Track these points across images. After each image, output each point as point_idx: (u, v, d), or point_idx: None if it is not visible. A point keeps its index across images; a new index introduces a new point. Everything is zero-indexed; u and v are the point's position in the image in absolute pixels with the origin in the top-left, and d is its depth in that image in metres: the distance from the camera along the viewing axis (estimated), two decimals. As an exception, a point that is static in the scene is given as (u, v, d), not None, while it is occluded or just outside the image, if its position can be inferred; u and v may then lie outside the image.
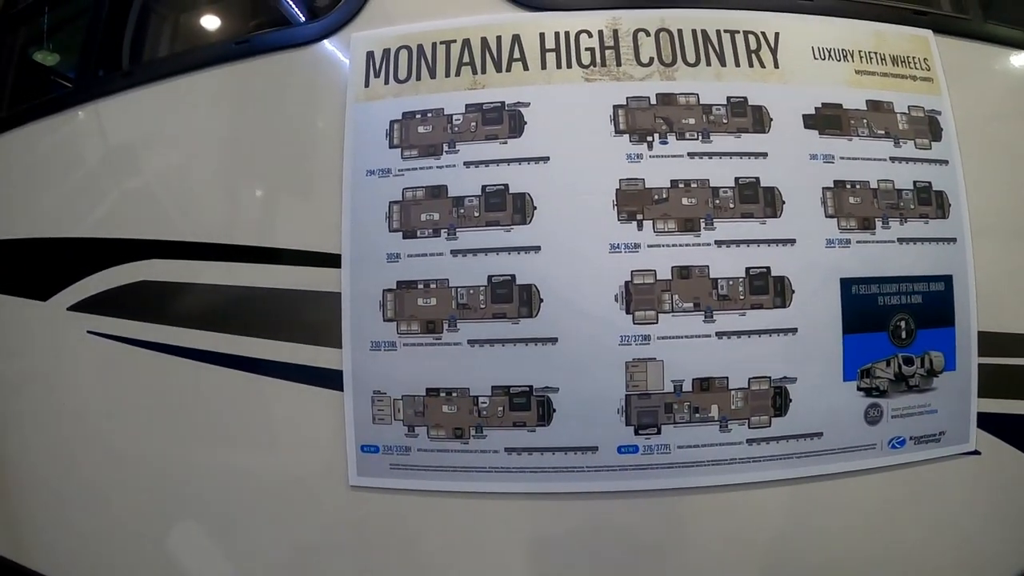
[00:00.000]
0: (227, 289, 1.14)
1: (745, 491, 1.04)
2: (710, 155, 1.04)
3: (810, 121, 1.08)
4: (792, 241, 1.04)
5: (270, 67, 1.17)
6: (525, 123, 1.05)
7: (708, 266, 1.02)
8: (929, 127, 1.13)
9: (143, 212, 1.20)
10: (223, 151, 1.18)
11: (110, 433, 1.24)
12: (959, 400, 1.12)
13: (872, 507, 1.10)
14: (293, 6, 1.22)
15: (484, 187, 1.04)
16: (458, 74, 1.08)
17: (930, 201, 1.11)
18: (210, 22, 1.44)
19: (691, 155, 1.04)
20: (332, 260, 1.07)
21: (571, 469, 1.02)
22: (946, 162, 1.13)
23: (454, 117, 1.06)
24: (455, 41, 1.09)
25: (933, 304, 1.10)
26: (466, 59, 1.08)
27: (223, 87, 1.19)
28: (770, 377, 1.03)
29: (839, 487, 1.08)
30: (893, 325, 1.08)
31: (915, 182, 1.11)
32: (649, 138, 1.04)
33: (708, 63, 1.08)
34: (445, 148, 1.06)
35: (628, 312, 1.01)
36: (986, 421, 1.14)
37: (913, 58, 1.16)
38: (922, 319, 1.09)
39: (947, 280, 1.11)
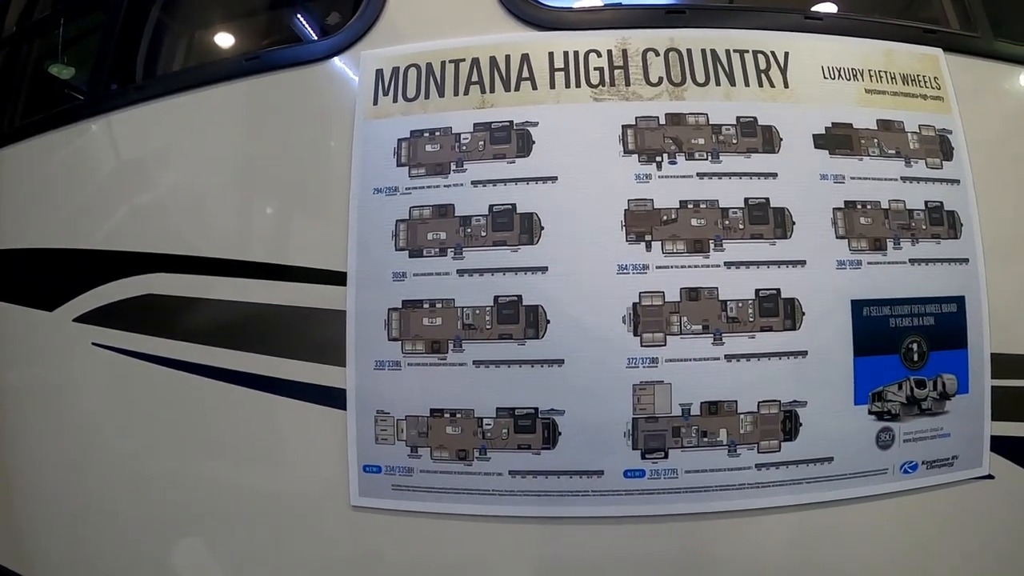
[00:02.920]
0: (232, 305, 1.13)
1: (754, 517, 1.03)
2: (719, 175, 1.03)
3: (820, 141, 1.07)
4: (802, 262, 1.03)
5: (280, 84, 1.17)
6: (533, 142, 1.04)
7: (717, 288, 1.01)
8: (940, 146, 1.12)
9: (150, 226, 1.20)
10: (231, 166, 1.18)
11: (112, 445, 1.23)
12: (972, 423, 1.10)
13: (884, 534, 1.08)
14: (304, 24, 1.23)
15: (491, 206, 1.03)
16: (466, 93, 1.08)
17: (942, 221, 1.10)
18: (222, 38, 1.44)
19: (700, 175, 1.03)
20: (338, 278, 1.07)
21: (576, 493, 1.01)
22: (957, 181, 1.12)
23: (462, 136, 1.06)
24: (464, 60, 1.09)
25: (945, 326, 1.08)
26: (475, 78, 1.08)
27: (233, 103, 1.20)
28: (780, 401, 1.01)
29: (850, 513, 1.06)
30: (905, 347, 1.06)
31: (927, 202, 1.09)
32: (658, 158, 1.03)
33: (717, 83, 1.07)
34: (453, 167, 1.05)
35: (636, 334, 0.99)
36: (1000, 444, 1.12)
37: (923, 77, 1.15)
38: (934, 341, 1.07)
39: (959, 301, 1.09)
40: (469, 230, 1.03)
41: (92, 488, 1.25)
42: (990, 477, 1.11)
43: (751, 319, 1.01)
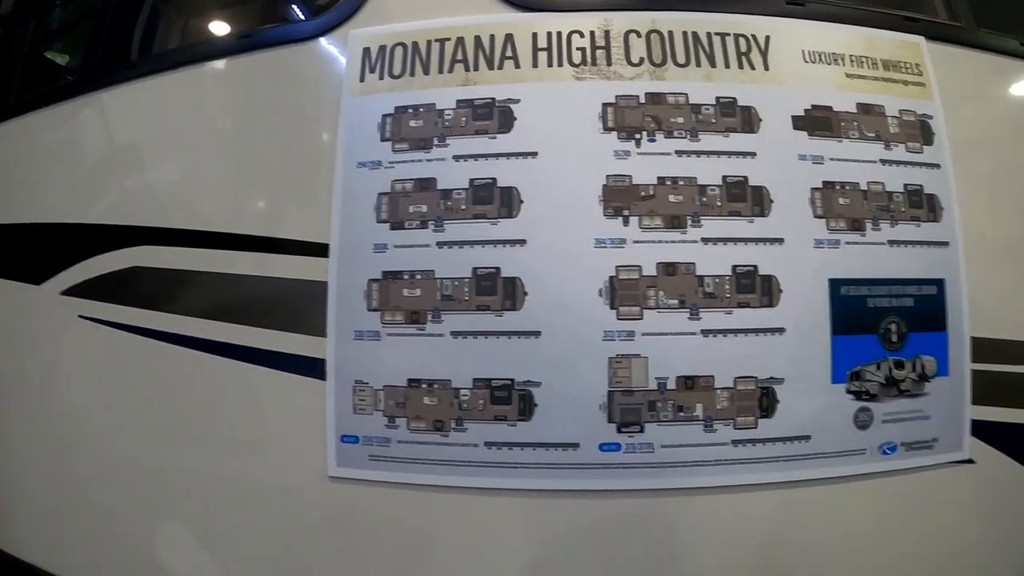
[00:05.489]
0: (218, 277, 1.14)
1: (731, 494, 1.02)
2: (698, 154, 1.04)
3: (799, 122, 1.08)
4: (780, 240, 1.03)
5: (271, 61, 1.19)
6: (515, 119, 1.06)
7: (694, 263, 1.01)
8: (921, 131, 1.13)
9: (138, 199, 1.22)
10: (221, 141, 1.20)
11: (95, 414, 1.23)
12: (952, 406, 1.09)
13: (862, 515, 1.07)
14: (294, 4, 1.26)
15: (472, 180, 1.04)
16: (451, 71, 1.09)
17: (921, 204, 1.10)
18: (215, 17, 1.48)
19: (679, 153, 1.04)
20: (321, 250, 1.08)
21: (552, 466, 1.00)
22: (938, 166, 1.13)
23: (445, 112, 1.07)
24: (449, 39, 1.10)
25: (925, 308, 1.08)
26: (459, 57, 1.10)
27: (224, 80, 1.22)
28: (756, 377, 1.01)
29: (828, 493, 1.05)
30: (884, 328, 1.06)
31: (906, 185, 1.10)
32: (637, 136, 1.04)
33: (698, 64, 1.09)
34: (435, 142, 1.07)
35: (612, 307, 1.00)
36: (980, 429, 1.11)
37: (905, 63, 1.16)
38: (914, 323, 1.07)
39: (939, 284, 1.09)
40: (450, 203, 1.04)
41: (77, 460, 1.25)
42: (970, 462, 1.11)
43: (728, 295, 1.01)
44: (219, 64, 1.21)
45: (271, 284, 1.12)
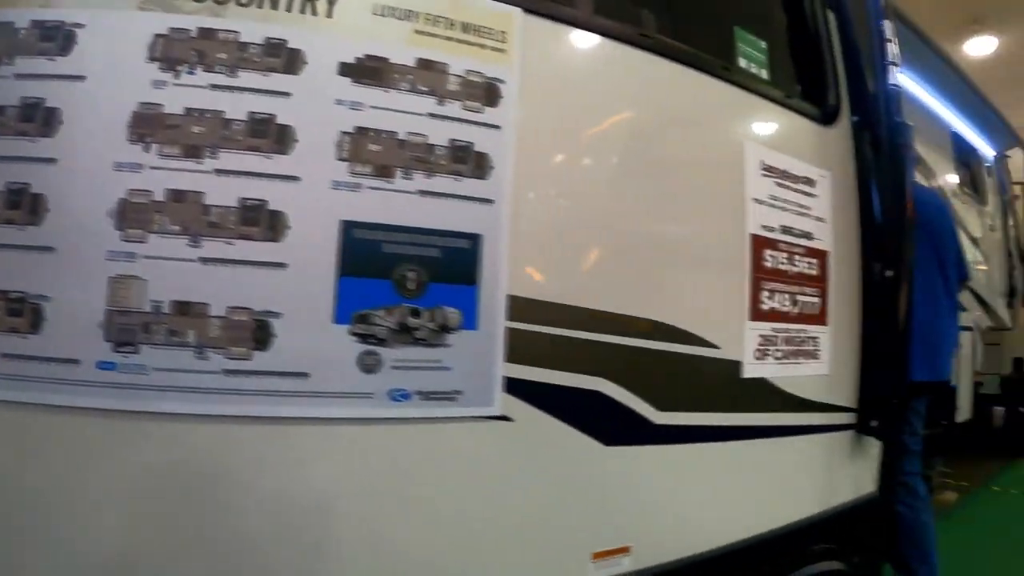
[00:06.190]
0: None
1: (229, 425, 1.04)
2: (232, 89, 1.07)
3: (346, 69, 1.10)
4: (296, 179, 1.06)
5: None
6: (75, 44, 1.10)
7: (204, 193, 1.04)
8: (486, 93, 1.14)
9: None
10: None
11: None
12: (480, 361, 1.10)
13: (375, 459, 1.08)
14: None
15: (23, 99, 1.10)
16: (37, -6, 1.15)
17: (467, 161, 1.11)
18: None
19: (214, 87, 1.07)
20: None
21: (56, 381, 1.04)
22: (498, 127, 1.13)
23: (20, 32, 1.13)
24: (46, -33, 1.16)
25: (453, 261, 1.09)
26: (45, -18, 1.16)
27: None
28: (252, 309, 1.03)
29: (335, 434, 1.07)
30: (399, 275, 1.07)
31: (452, 140, 1.11)
32: (178, 67, 1.08)
33: (259, 6, 1.11)
34: (4, 61, 1.12)
35: (119, 229, 1.03)
36: (519, 387, 1.12)
37: (489, 29, 1.17)
38: (437, 274, 1.09)
39: (475, 239, 1.10)
40: (2, 120, 1.10)
41: None
42: (506, 418, 1.11)
43: (231, 226, 1.04)
44: None
45: None
